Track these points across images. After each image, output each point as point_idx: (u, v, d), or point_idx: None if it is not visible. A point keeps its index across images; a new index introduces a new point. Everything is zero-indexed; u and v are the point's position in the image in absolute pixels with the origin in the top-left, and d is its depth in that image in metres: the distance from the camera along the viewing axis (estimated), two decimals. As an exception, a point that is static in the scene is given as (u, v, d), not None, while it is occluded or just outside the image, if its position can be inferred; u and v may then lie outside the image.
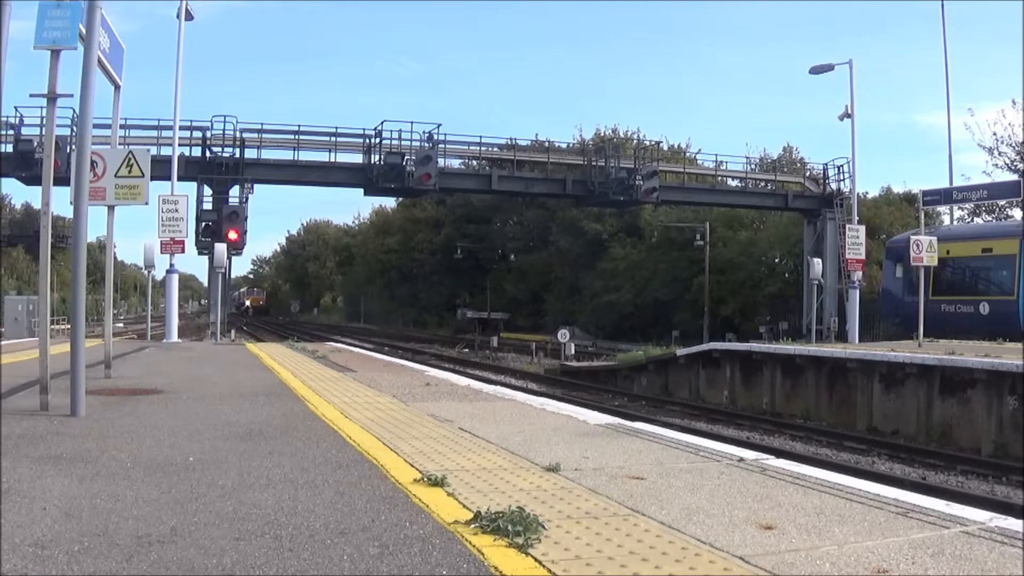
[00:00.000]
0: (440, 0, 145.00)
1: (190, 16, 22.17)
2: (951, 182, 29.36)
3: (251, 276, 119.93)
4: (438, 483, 4.16)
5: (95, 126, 7.26)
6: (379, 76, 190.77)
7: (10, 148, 25.08)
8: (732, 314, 36.91)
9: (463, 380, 11.06)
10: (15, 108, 24.25)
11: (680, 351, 20.52)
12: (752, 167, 37.16)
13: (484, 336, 38.49)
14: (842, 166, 31.25)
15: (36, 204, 52.63)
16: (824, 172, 33.24)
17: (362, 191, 30.08)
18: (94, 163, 8.31)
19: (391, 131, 28.52)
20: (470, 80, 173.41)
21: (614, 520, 3.58)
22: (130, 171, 8.88)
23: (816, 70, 26.87)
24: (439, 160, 29.45)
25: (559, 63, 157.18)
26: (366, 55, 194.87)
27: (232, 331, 29.54)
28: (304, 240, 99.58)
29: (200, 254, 26.40)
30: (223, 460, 4.78)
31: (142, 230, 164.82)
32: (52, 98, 6.63)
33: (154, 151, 20.41)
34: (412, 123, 29.00)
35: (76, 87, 6.69)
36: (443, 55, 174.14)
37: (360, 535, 3.28)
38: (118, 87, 9.14)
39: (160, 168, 17.85)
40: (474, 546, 3.14)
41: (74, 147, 9.84)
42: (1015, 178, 27.67)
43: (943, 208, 29.54)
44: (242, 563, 2.89)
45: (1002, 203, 29.02)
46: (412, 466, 4.66)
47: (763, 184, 35.73)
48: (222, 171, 27.00)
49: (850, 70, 26.35)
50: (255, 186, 28.20)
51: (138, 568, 2.82)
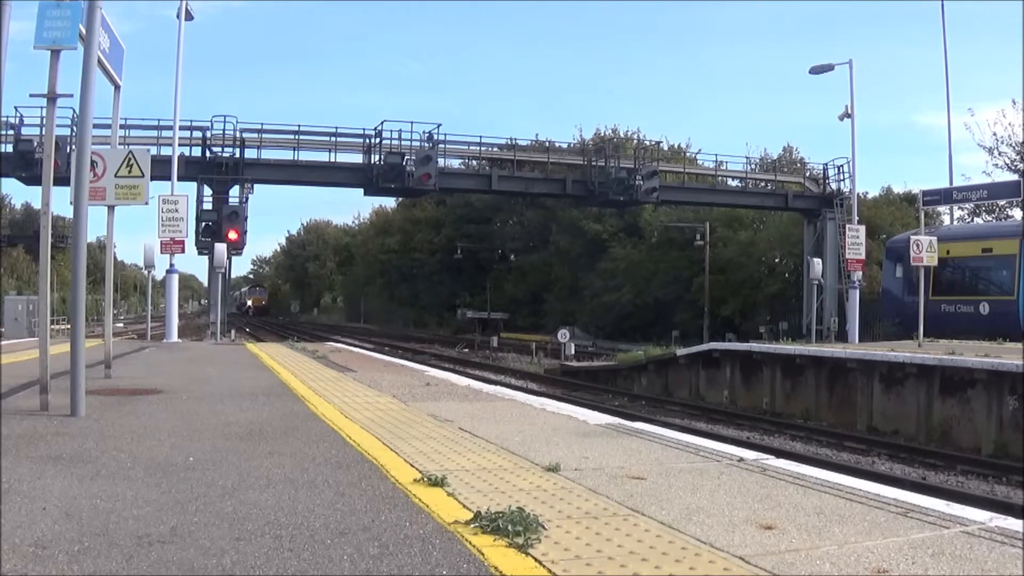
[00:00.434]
0: (440, 0, 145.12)
1: (190, 16, 22.22)
2: (951, 182, 29.41)
3: (251, 276, 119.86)
4: (438, 483, 4.16)
5: (95, 126, 7.25)
6: (379, 76, 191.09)
7: (10, 148, 25.11)
8: (732, 314, 36.89)
9: (463, 380, 11.06)
10: (15, 108, 24.30)
11: (680, 351, 20.52)
12: (752, 167, 37.17)
13: (484, 336, 38.50)
14: (842, 166, 31.30)
15: (36, 204, 52.80)
16: (824, 172, 33.25)
17: (362, 191, 30.11)
18: (94, 163, 8.30)
19: (391, 131, 28.58)
20: (470, 80, 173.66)
21: (614, 520, 3.58)
22: (130, 171, 8.89)
23: (816, 70, 26.89)
24: (439, 160, 29.46)
25: (559, 63, 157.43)
26: (366, 55, 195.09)
27: (232, 331, 29.55)
28: (304, 240, 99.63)
29: (200, 254, 26.45)
30: (223, 460, 4.78)
31: (142, 230, 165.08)
32: (52, 98, 6.63)
33: (154, 151, 20.42)
34: (412, 123, 29.02)
35: (76, 87, 6.70)
36: (443, 55, 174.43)
37: (360, 535, 3.28)
38: (118, 87, 9.14)
39: (160, 168, 17.85)
40: (474, 546, 3.14)
41: (74, 147, 9.84)
42: (1015, 178, 27.67)
43: (943, 208, 29.55)
44: (242, 563, 2.89)
45: (1002, 203, 29.01)
46: (412, 466, 4.66)
47: (763, 184, 35.74)
48: (222, 171, 27.01)
49: (850, 70, 26.39)
50: (255, 186, 28.25)
51: (138, 568, 2.82)
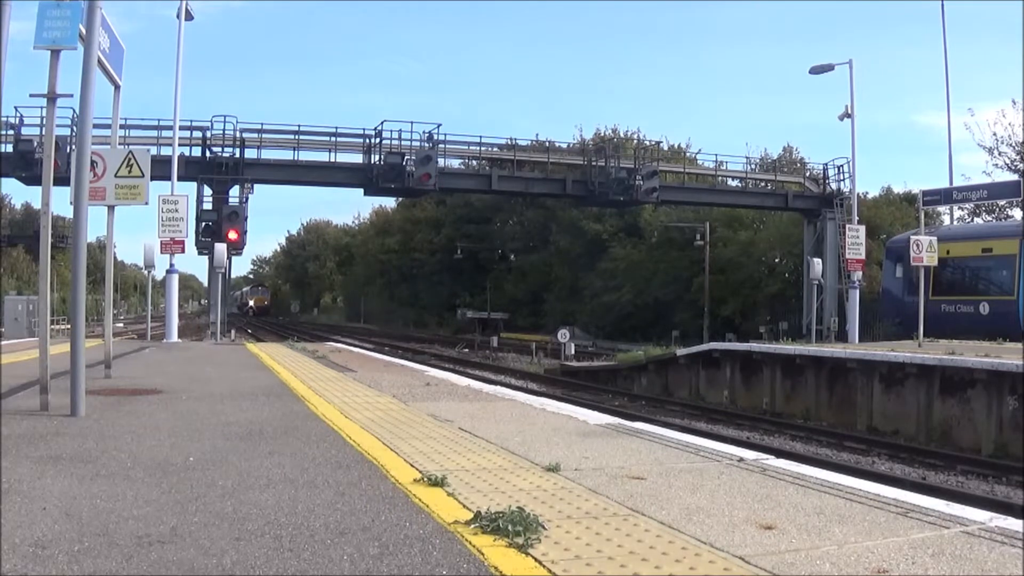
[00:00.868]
0: (440, 0, 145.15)
1: (190, 16, 22.23)
2: (951, 182, 29.40)
3: (251, 276, 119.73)
4: (438, 483, 4.16)
5: (95, 126, 7.25)
6: (379, 76, 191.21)
7: (10, 148, 25.10)
8: (732, 314, 36.88)
9: (463, 380, 11.06)
10: (15, 108, 24.30)
11: (680, 351, 20.51)
12: (752, 167, 37.16)
13: (484, 336, 38.50)
14: (842, 166, 31.30)
15: (36, 204, 52.77)
16: (824, 172, 33.25)
17: (362, 191, 30.11)
18: (94, 163, 8.31)
19: (391, 131, 28.57)
20: (470, 80, 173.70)
21: (614, 520, 3.58)
22: (130, 171, 8.89)
23: (816, 70, 26.89)
24: (439, 160, 29.45)
25: (559, 63, 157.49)
26: (366, 55, 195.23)
27: (232, 331, 29.55)
28: (304, 240, 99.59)
29: (200, 254, 26.45)
30: (223, 460, 4.78)
31: (142, 230, 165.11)
32: (52, 98, 6.63)
33: (154, 151, 20.43)
34: (412, 123, 29.03)
35: (76, 87, 6.71)
36: (443, 55, 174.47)
37: (360, 535, 3.28)
38: (118, 87, 9.14)
39: (160, 168, 17.85)
40: (474, 546, 3.14)
41: (74, 147, 9.83)
42: (1015, 178, 27.67)
43: (943, 208, 29.54)
44: (242, 563, 2.89)
45: (1002, 203, 29.01)
46: (412, 466, 4.66)
47: (763, 184, 35.73)
48: (222, 171, 27.00)
49: (850, 70, 26.39)
50: (255, 186, 28.24)
51: (138, 568, 2.82)
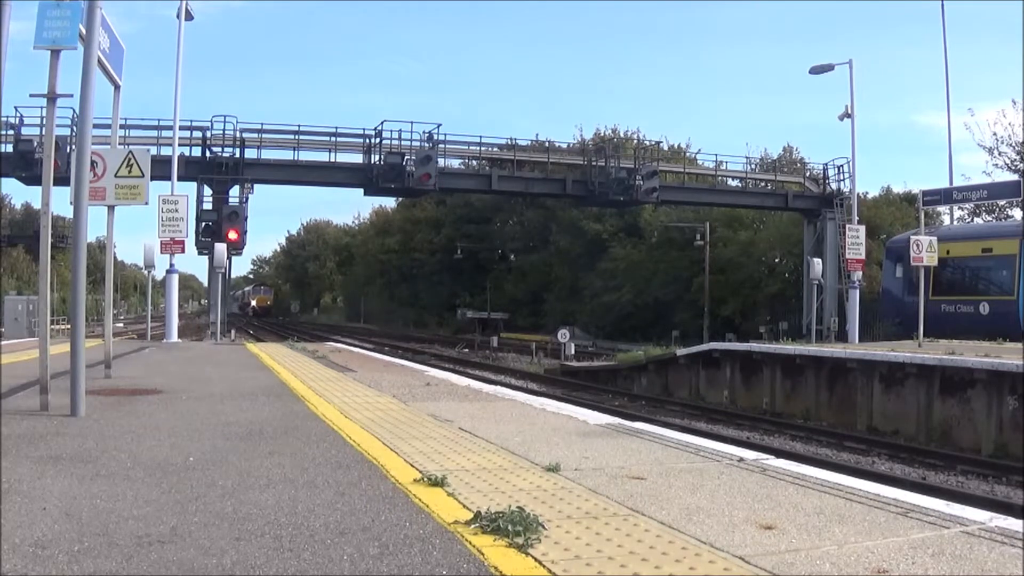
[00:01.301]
0: (440, 0, 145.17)
1: (190, 16, 22.23)
2: (951, 182, 29.40)
3: (251, 276, 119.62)
4: (438, 483, 4.16)
5: (95, 126, 7.25)
6: (379, 76, 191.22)
7: (10, 148, 25.10)
8: (732, 314, 36.88)
9: (463, 380, 11.06)
10: (15, 108, 24.31)
11: (680, 351, 20.51)
12: (752, 167, 37.16)
13: (484, 336, 38.50)
14: (842, 166, 31.30)
15: (36, 204, 52.76)
16: (824, 172, 33.25)
17: (362, 191, 30.11)
18: (94, 163, 8.31)
19: (391, 131, 28.58)
20: (470, 80, 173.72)
21: (614, 520, 3.58)
22: (130, 171, 8.89)
23: (816, 70, 26.89)
24: (439, 160, 29.46)
25: (559, 63, 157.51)
26: (366, 55, 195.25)
27: (232, 331, 29.55)
28: (304, 240, 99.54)
29: (200, 254, 26.45)
30: (223, 460, 4.78)
31: (142, 230, 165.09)
32: (52, 98, 6.63)
33: (154, 151, 20.42)
34: (412, 123, 29.03)
35: (76, 87, 6.71)
36: (443, 55, 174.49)
37: (360, 535, 3.28)
38: (118, 87, 9.14)
39: (160, 168, 17.85)
40: (474, 546, 3.14)
41: (74, 147, 9.83)
42: (1015, 178, 27.66)
43: (943, 208, 29.54)
44: (242, 563, 2.89)
45: (1002, 203, 29.01)
46: (412, 466, 4.66)
47: (763, 184, 35.74)
48: (222, 171, 27.00)
49: (850, 70, 26.39)
50: (255, 186, 28.24)
51: (138, 568, 2.82)
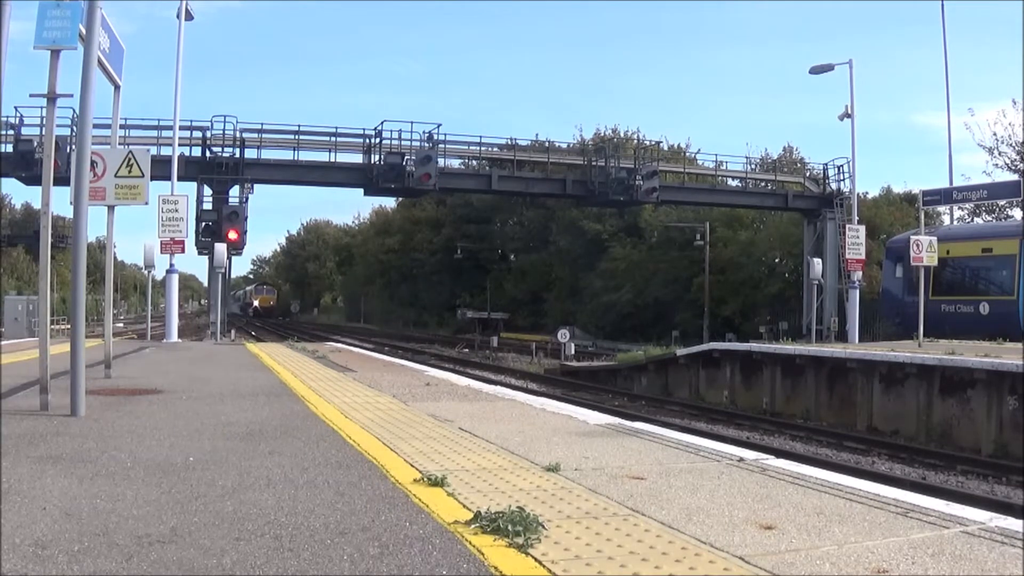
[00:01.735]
0: (440, 0, 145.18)
1: (190, 16, 22.24)
2: (951, 182, 29.39)
3: (251, 276, 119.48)
4: (438, 483, 4.16)
5: (95, 126, 7.25)
6: (379, 76, 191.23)
7: (10, 148, 25.08)
8: (732, 314, 36.88)
9: (463, 380, 11.06)
10: (15, 108, 24.28)
11: (680, 351, 20.52)
12: (752, 167, 37.11)
13: (484, 336, 38.50)
14: (842, 166, 31.29)
15: (36, 204, 52.72)
16: (824, 172, 33.23)
17: (362, 191, 30.10)
18: (94, 163, 8.30)
19: (391, 131, 28.56)
20: (470, 80, 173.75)
21: (614, 520, 3.58)
22: (130, 171, 8.88)
23: (816, 70, 26.90)
24: (439, 160, 29.44)
25: (559, 63, 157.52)
26: (366, 55, 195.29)
27: (232, 331, 29.56)
28: (304, 240, 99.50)
29: (200, 254, 26.42)
30: (223, 460, 4.78)
31: (142, 230, 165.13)
32: (52, 98, 6.63)
33: (154, 151, 20.42)
34: (412, 123, 29.00)
35: (76, 87, 6.70)
36: (443, 55, 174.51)
37: (360, 535, 3.28)
38: (118, 87, 9.14)
39: (160, 168, 17.85)
40: (474, 546, 3.14)
41: (74, 147, 9.83)
42: (1015, 178, 27.65)
43: (943, 208, 29.53)
44: (242, 563, 2.89)
45: (1002, 203, 29.00)
46: (412, 466, 4.66)
47: (763, 184, 35.72)
48: (222, 171, 26.98)
49: (850, 70, 26.40)
50: (255, 186, 28.22)
51: (138, 568, 2.82)
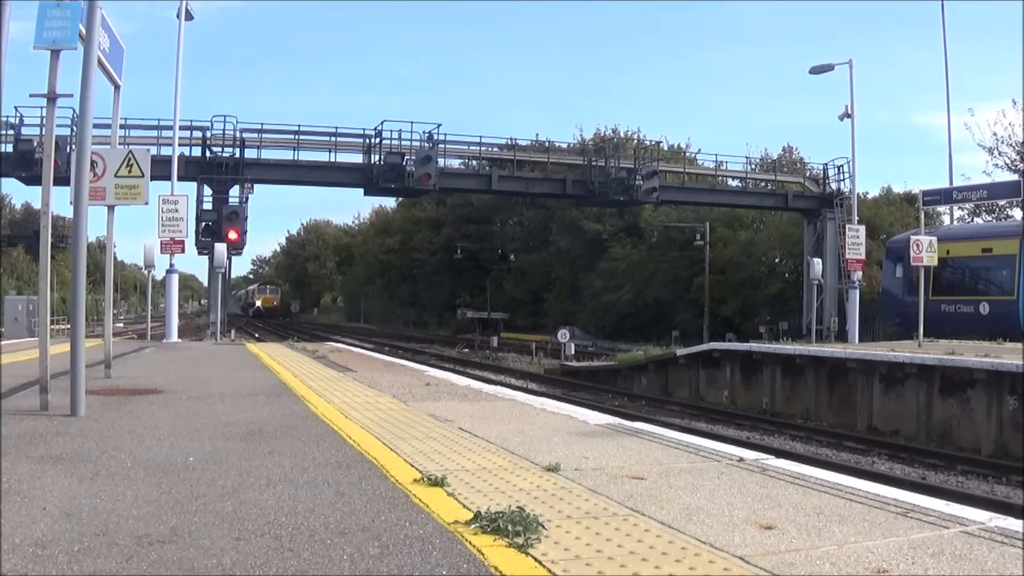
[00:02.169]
0: (440, 0, 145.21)
1: (190, 16, 22.23)
2: (951, 182, 29.39)
3: (251, 276, 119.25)
4: (438, 483, 4.16)
5: (95, 126, 7.25)
6: (379, 76, 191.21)
7: (10, 148, 25.08)
8: (732, 314, 36.86)
9: (463, 380, 11.06)
10: (15, 108, 24.29)
11: (680, 351, 20.51)
12: (752, 167, 37.10)
13: (484, 336, 38.50)
14: (842, 166, 31.28)
15: (36, 204, 52.69)
16: (824, 172, 33.22)
17: (362, 191, 30.09)
18: (94, 163, 8.30)
19: (391, 131, 28.54)
20: (470, 80, 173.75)
21: (614, 520, 3.58)
22: (130, 171, 8.88)
23: (816, 70, 26.90)
24: (439, 160, 29.44)
25: (559, 63, 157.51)
26: (366, 55, 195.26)
27: (232, 331, 29.56)
28: (304, 240, 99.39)
29: (200, 254, 26.41)
30: (223, 460, 4.78)
31: (142, 230, 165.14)
32: (52, 98, 6.63)
33: (154, 151, 20.41)
34: (412, 123, 28.98)
35: (76, 87, 6.70)
36: (443, 55, 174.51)
37: (360, 535, 3.28)
38: (118, 87, 9.14)
39: (160, 168, 17.85)
40: (474, 546, 3.14)
41: (74, 147, 9.83)
42: (1015, 178, 27.65)
43: (943, 208, 29.52)
44: (242, 563, 2.89)
45: (1002, 203, 28.99)
46: (412, 466, 4.66)
47: (763, 184, 35.71)
48: (222, 171, 26.97)
49: (850, 70, 26.40)
50: (255, 186, 28.21)
51: (138, 568, 2.82)
